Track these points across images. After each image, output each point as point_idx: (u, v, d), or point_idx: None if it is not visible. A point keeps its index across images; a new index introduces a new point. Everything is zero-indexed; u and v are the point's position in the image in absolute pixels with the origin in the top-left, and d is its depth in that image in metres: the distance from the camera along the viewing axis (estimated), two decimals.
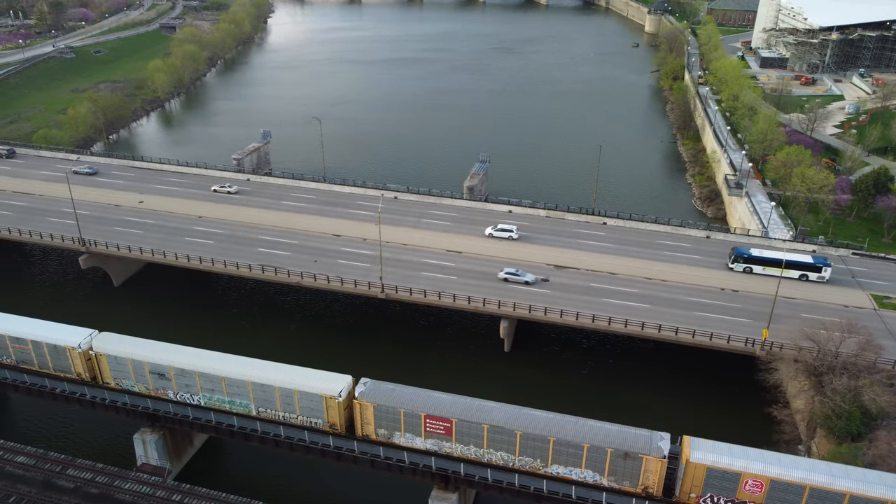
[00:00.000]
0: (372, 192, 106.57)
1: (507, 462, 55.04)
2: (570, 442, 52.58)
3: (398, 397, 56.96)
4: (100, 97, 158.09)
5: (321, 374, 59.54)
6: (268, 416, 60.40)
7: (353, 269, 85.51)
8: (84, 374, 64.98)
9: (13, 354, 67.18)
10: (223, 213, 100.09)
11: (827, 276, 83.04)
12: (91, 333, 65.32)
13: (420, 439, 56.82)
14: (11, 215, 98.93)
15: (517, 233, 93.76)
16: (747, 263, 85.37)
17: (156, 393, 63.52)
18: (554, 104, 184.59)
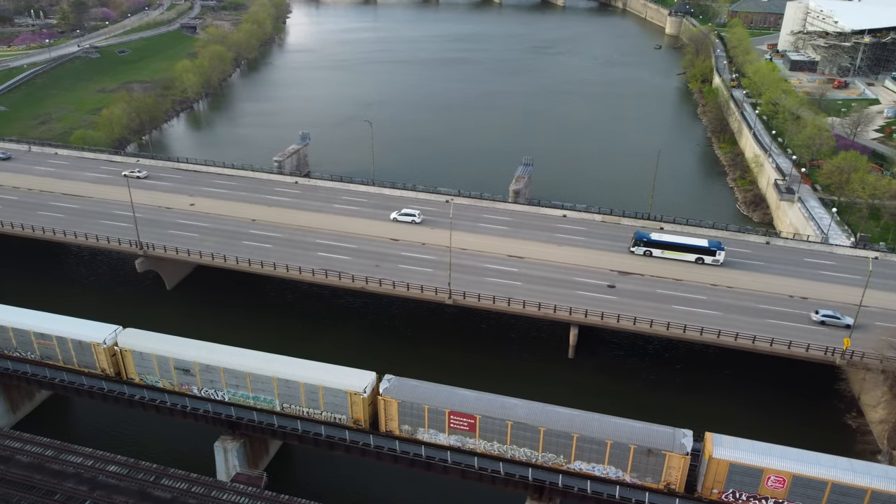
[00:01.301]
0: (422, 196, 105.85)
1: (530, 458, 55.59)
2: (593, 438, 53.30)
3: (422, 394, 57.53)
4: (133, 98, 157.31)
5: (346, 371, 60.28)
6: (292, 411, 60.92)
7: (416, 274, 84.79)
8: (108, 369, 65.47)
9: (38, 350, 67.56)
10: (276, 216, 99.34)
11: (721, 259, 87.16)
12: (116, 329, 65.79)
13: (443, 435, 57.41)
14: (64, 217, 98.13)
15: (420, 217, 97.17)
16: (647, 247, 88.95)
17: (181, 389, 63.87)
18: (585, 106, 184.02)
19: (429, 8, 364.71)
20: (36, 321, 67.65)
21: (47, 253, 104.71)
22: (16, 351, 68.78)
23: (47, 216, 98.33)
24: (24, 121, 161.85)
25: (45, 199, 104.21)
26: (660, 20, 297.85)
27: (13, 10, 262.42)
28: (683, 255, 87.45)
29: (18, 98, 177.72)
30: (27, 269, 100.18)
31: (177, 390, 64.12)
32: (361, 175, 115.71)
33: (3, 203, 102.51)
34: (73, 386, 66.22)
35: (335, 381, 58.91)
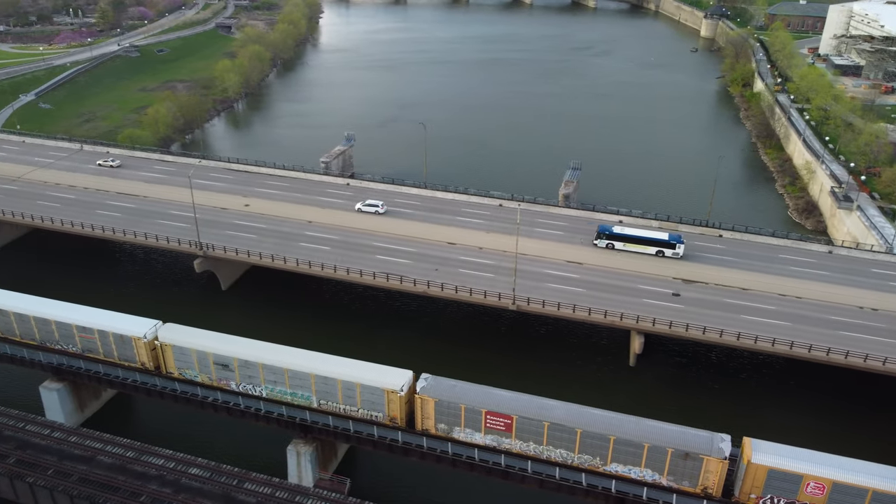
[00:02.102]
0: (475, 199, 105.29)
1: (566, 460, 55.74)
2: (630, 441, 53.38)
3: (459, 393, 57.97)
4: (178, 97, 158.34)
5: (383, 369, 60.93)
6: (329, 408, 61.60)
7: (475, 279, 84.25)
8: (148, 363, 66.56)
9: (79, 343, 68.76)
10: (331, 218, 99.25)
11: (681, 252, 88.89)
12: (156, 324, 66.92)
13: (479, 435, 57.73)
14: (122, 217, 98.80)
15: (383, 208, 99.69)
16: (609, 240, 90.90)
17: (218, 383, 64.66)
18: (625, 108, 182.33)
19: (458, 8, 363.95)
20: (78, 315, 69.10)
21: (102, 251, 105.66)
22: (58, 344, 70.01)
23: (105, 215, 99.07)
24: (69, 119, 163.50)
25: (101, 198, 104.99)
26: (694, 22, 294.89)
27: (52, 8, 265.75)
28: (645, 247, 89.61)
29: (62, 96, 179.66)
30: (84, 266, 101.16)
31: (216, 385, 64.73)
32: (407, 176, 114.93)
33: (62, 202, 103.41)
34: (145, 386, 66.49)
35: (373, 379, 59.68)
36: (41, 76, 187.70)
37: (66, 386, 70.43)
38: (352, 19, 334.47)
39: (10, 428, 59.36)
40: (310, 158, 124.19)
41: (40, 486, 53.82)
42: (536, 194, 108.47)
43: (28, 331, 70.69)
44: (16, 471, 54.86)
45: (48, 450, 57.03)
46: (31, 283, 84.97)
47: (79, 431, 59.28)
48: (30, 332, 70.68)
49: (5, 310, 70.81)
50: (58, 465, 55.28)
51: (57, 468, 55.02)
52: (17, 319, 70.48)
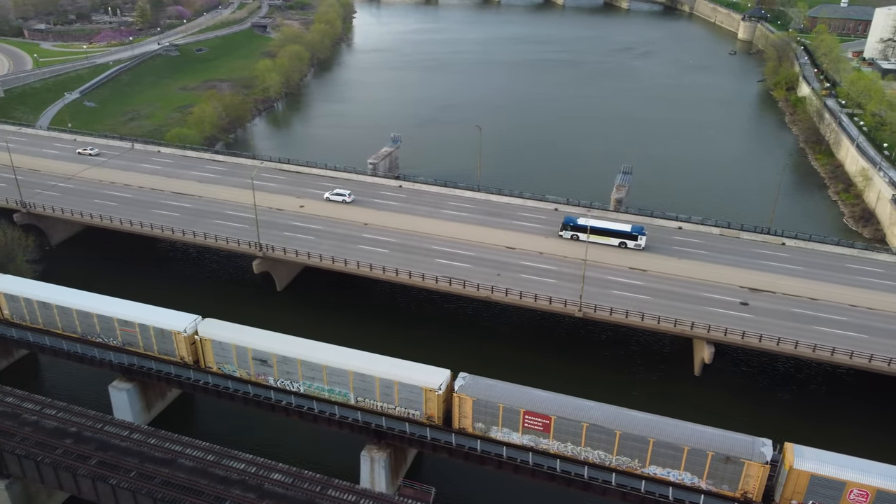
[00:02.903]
0: (531, 203, 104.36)
1: (604, 461, 55.65)
2: (670, 444, 53.07)
3: (497, 392, 57.92)
4: (222, 96, 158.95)
5: (421, 367, 60.98)
6: (366, 405, 61.73)
7: (538, 285, 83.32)
8: (188, 357, 67.09)
9: (120, 336, 69.60)
10: (387, 220, 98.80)
11: (642, 244, 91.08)
12: (196, 319, 67.49)
13: (517, 434, 57.62)
14: (178, 216, 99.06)
15: (350, 197, 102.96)
16: (574, 231, 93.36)
17: (256, 378, 65.10)
18: (668, 111, 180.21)
19: (490, 9, 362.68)
20: (119, 308, 69.83)
21: (157, 249, 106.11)
22: (99, 337, 70.75)
23: (163, 214, 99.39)
24: (114, 117, 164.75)
25: (156, 197, 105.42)
26: (730, 25, 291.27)
27: (90, 6, 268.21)
28: (608, 239, 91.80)
29: (106, 94, 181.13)
30: (137, 264, 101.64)
31: (253, 380, 65.27)
32: (453, 178, 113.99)
33: (118, 200, 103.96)
34: (216, 388, 66.30)
35: (411, 378, 59.65)
36: (85, 74, 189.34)
37: (136, 386, 70.55)
38: (384, 19, 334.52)
39: (90, 429, 59.33)
40: (353, 159, 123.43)
41: (123, 489, 53.67)
42: (587, 198, 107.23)
43: (70, 323, 71.64)
44: (98, 472, 54.77)
45: (129, 451, 56.88)
46: (84, 279, 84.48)
47: (157, 433, 59.04)
48: (71, 325, 71.66)
49: (48, 302, 71.84)
50: (139, 468, 55.09)
51: (139, 470, 54.84)
52: (60, 312, 71.47)
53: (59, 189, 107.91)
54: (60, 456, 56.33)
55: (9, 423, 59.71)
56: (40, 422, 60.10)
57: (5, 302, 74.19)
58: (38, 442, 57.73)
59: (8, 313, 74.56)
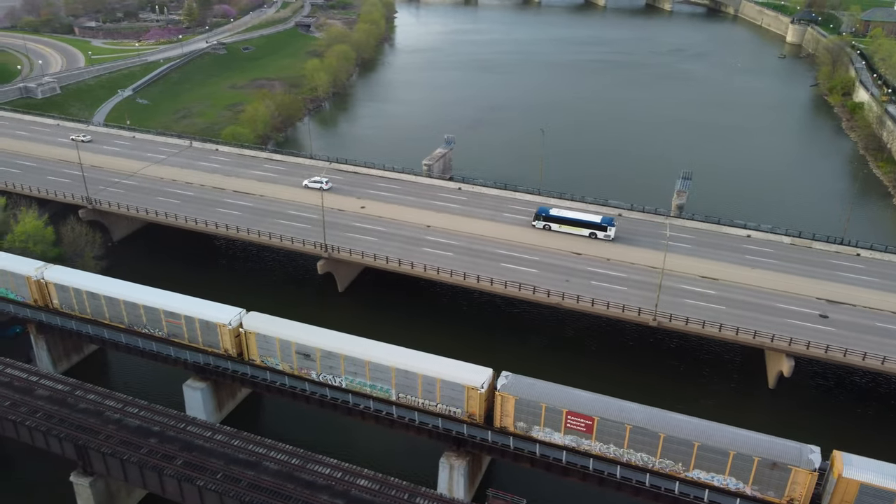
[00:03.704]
0: (593, 208, 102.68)
1: (647, 464, 55.22)
2: (715, 448, 52.53)
3: (540, 392, 57.68)
4: (275, 96, 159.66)
5: (463, 365, 60.88)
6: (407, 402, 61.86)
7: (608, 292, 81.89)
8: (231, 350, 67.69)
9: (165, 328, 70.40)
10: (450, 223, 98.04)
11: (612, 234, 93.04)
12: (240, 312, 67.97)
13: (559, 435, 57.35)
14: (241, 215, 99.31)
15: (328, 184, 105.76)
16: (546, 221, 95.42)
17: (299, 372, 65.38)
18: (720, 115, 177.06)
19: (529, 10, 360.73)
20: (166, 300, 70.59)
21: (214, 248, 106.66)
22: (145, 328, 71.52)
23: (225, 213, 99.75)
24: (166, 115, 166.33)
25: (218, 196, 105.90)
26: (778, 28, 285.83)
27: (137, 5, 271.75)
28: (578, 229, 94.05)
29: (157, 92, 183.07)
30: (196, 262, 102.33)
31: (297, 374, 65.55)
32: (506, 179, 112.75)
33: (180, 198, 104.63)
34: (292, 390, 66.01)
35: (453, 375, 59.60)
36: (136, 72, 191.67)
37: (209, 385, 70.64)
38: (425, 19, 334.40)
39: (173, 428, 59.34)
40: (402, 159, 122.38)
41: (210, 490, 53.51)
42: (646, 203, 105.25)
43: (117, 314, 72.47)
44: (185, 473, 54.69)
45: (213, 453, 56.74)
46: (145, 275, 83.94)
47: (240, 434, 58.81)
48: (118, 316, 72.46)
49: (96, 293, 72.78)
50: (225, 470, 54.90)
51: (225, 472, 54.64)
52: (107, 302, 72.45)
53: (121, 186, 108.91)
54: (146, 455, 56.35)
55: (92, 421, 59.98)
56: (123, 420, 60.26)
57: (55, 291, 75.52)
58: (123, 440, 57.84)
59: (57, 303, 75.82)
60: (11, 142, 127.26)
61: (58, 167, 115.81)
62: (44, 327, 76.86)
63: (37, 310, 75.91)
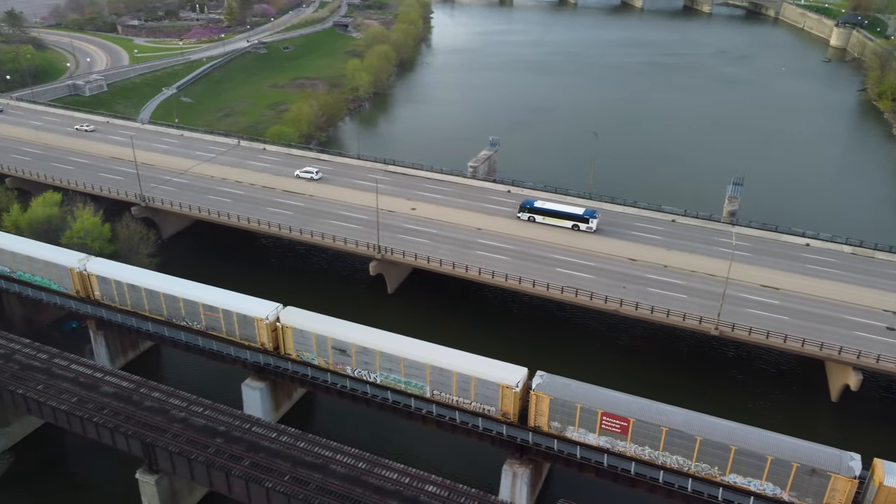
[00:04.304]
0: (646, 214, 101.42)
1: (682, 467, 54.75)
2: (753, 452, 51.91)
3: (575, 392, 57.60)
4: (319, 95, 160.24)
5: (498, 364, 60.86)
6: (441, 399, 62.17)
7: (668, 299, 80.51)
8: (268, 344, 68.31)
9: (204, 321, 71.21)
10: (502, 226, 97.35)
11: (594, 226, 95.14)
12: (277, 307, 68.43)
13: (593, 435, 57.15)
14: (292, 215, 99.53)
15: (318, 174, 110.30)
16: (531, 213, 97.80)
17: (334, 367, 65.99)
18: (766, 120, 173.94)
19: (566, 11, 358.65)
20: (205, 294, 71.31)
21: (263, 247, 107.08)
22: (183, 320, 72.46)
23: (276, 212, 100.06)
24: (209, 113, 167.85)
25: (269, 195, 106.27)
26: (821, 31, 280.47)
27: (177, 3, 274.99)
28: (561, 221, 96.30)
29: (200, 91, 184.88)
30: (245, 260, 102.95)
31: (331, 369, 66.00)
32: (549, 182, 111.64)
33: (231, 197, 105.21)
34: (353, 393, 65.71)
35: (488, 374, 59.66)
36: (179, 70, 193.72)
37: (268, 385, 70.70)
38: (461, 19, 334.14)
39: (238, 429, 59.37)
40: (446, 161, 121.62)
41: (278, 492, 53.38)
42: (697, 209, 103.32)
43: (157, 306, 73.35)
44: (252, 473, 54.63)
45: (280, 454, 56.62)
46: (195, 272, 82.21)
47: (306, 436, 58.63)
48: (158, 308, 73.39)
49: (136, 285, 73.84)
50: (293, 472, 54.73)
51: (293, 474, 54.47)
52: (148, 295, 73.26)
53: (172, 184, 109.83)
54: (213, 455, 56.40)
55: (158, 419, 60.24)
56: (189, 419, 60.42)
57: (97, 283, 76.62)
58: (190, 440, 57.96)
59: (99, 294, 77.01)
60: (63, 139, 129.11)
61: (109, 164, 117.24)
62: (103, 323, 77.53)
63: (97, 306, 76.61)
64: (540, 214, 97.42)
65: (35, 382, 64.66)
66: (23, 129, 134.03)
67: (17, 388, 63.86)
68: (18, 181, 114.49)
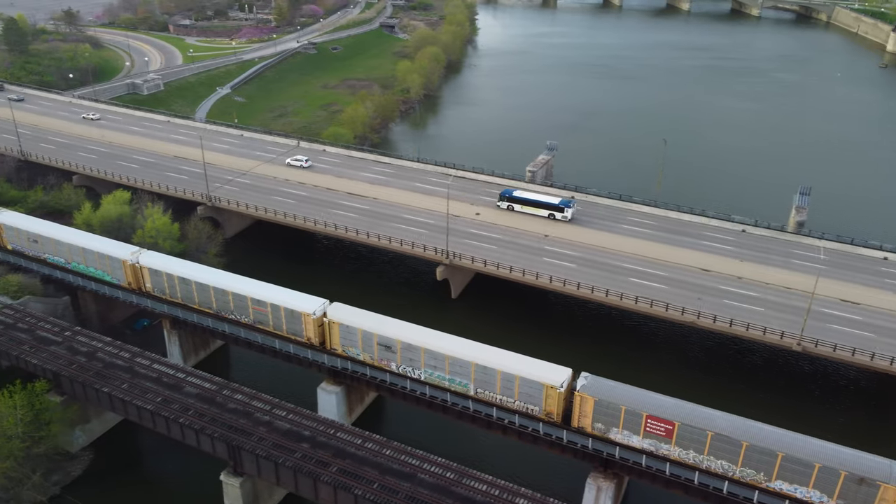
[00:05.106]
0: (714, 223, 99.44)
1: (727, 472, 54.57)
2: (800, 459, 51.60)
3: (619, 394, 57.73)
4: (374, 97, 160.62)
5: (543, 364, 61.06)
6: (485, 397, 62.59)
7: (744, 312, 78.66)
8: (314, 339, 69.29)
9: (252, 314, 72.38)
10: (568, 233, 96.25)
11: (569, 216, 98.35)
12: (324, 303, 69.44)
13: (637, 438, 57.14)
14: (357, 217, 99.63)
15: (307, 163, 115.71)
16: (509, 202, 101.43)
17: (379, 363, 66.74)
18: (826, 126, 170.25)
19: (610, 13, 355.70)
20: (253, 288, 72.63)
21: (324, 247, 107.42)
22: (232, 314, 73.71)
23: (341, 214, 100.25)
24: (263, 113, 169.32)
25: (332, 197, 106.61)
26: (877, 36, 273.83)
27: (226, 3, 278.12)
28: (538, 210, 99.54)
29: (253, 90, 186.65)
30: (306, 260, 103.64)
31: (376, 364, 66.88)
32: (607, 187, 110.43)
33: (295, 198, 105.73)
34: (434, 401, 65.21)
35: (533, 373, 59.91)
36: (232, 70, 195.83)
37: (343, 389, 70.68)
38: (504, 21, 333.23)
39: (323, 434, 59.31)
40: (500, 164, 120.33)
41: (367, 500, 53.11)
42: (761, 218, 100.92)
43: (206, 299, 74.81)
44: (341, 480, 54.48)
45: (366, 461, 56.39)
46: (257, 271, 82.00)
47: (391, 444, 58.33)
48: (207, 301, 74.78)
49: (187, 278, 75.14)
50: (381, 480, 54.44)
51: (381, 482, 54.18)
52: (198, 288, 74.85)
53: (236, 184, 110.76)
54: (300, 460, 56.39)
55: (243, 422, 60.44)
56: (273, 422, 60.51)
57: (148, 276, 78.30)
58: (276, 443, 58.04)
59: (150, 286, 78.72)
60: (127, 137, 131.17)
61: (174, 163, 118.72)
62: (178, 323, 78.30)
63: (173, 306, 77.39)
64: (518, 203, 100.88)
65: (120, 381, 65.41)
66: (87, 127, 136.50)
67: (103, 387, 64.63)
68: (85, 179, 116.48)
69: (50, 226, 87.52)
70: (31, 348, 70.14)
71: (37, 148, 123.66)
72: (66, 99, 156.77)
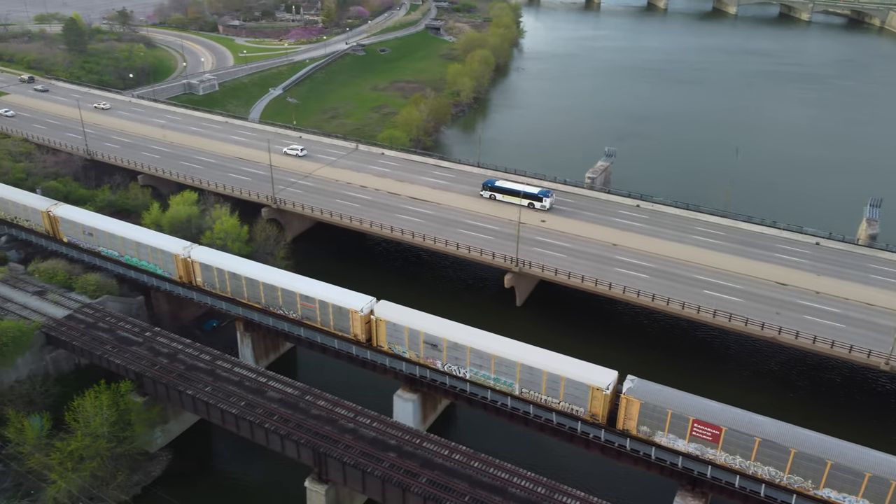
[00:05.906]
0: (786, 235, 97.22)
1: (774, 478, 54.36)
2: (850, 468, 51.41)
3: (666, 398, 57.69)
4: (427, 100, 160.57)
5: (588, 366, 61.36)
6: (530, 397, 63.02)
7: (825, 328, 76.52)
8: (360, 336, 70.33)
9: (300, 310, 73.79)
10: (636, 242, 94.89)
11: (548, 205, 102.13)
12: (371, 300, 70.28)
13: (683, 441, 57.14)
14: (422, 223, 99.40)
15: (303, 152, 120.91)
16: (492, 191, 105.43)
17: (425, 361, 67.53)
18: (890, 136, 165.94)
19: (655, 16, 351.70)
20: (302, 284, 73.95)
21: (385, 251, 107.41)
22: (280, 309, 75.20)
23: (406, 219, 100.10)
24: (316, 114, 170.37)
25: (395, 202, 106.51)
26: None
27: (273, 4, 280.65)
28: (519, 199, 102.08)
29: (304, 92, 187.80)
30: (367, 263, 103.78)
31: (421, 362, 67.83)
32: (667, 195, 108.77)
33: (359, 202, 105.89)
34: (512, 411, 64.55)
35: (578, 375, 60.28)
36: (284, 71, 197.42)
37: (419, 397, 70.38)
38: (547, 23, 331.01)
39: (409, 443, 59.01)
40: (557, 169, 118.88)
41: None
42: (830, 231, 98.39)
43: (255, 294, 76.29)
44: (431, 492, 54.12)
45: (455, 473, 55.93)
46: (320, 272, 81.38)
47: (478, 456, 57.81)
48: (256, 296, 76.43)
49: (237, 273, 76.86)
50: (471, 493, 53.97)
51: (471, 495, 53.71)
52: (248, 283, 76.57)
53: (298, 186, 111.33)
54: (388, 469, 56.16)
55: (328, 429, 60.40)
56: (358, 430, 60.39)
57: (199, 270, 79.77)
58: (363, 452, 57.89)
59: (200, 280, 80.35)
60: (188, 137, 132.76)
61: (235, 164, 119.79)
62: (251, 325, 78.75)
63: (247, 308, 77.87)
64: (500, 192, 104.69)
65: (202, 384, 65.89)
66: (149, 126, 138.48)
67: (187, 389, 65.17)
68: (149, 178, 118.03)
69: (104, 219, 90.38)
70: (113, 348, 71.07)
71: (102, 147, 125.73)
72: (126, 98, 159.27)
